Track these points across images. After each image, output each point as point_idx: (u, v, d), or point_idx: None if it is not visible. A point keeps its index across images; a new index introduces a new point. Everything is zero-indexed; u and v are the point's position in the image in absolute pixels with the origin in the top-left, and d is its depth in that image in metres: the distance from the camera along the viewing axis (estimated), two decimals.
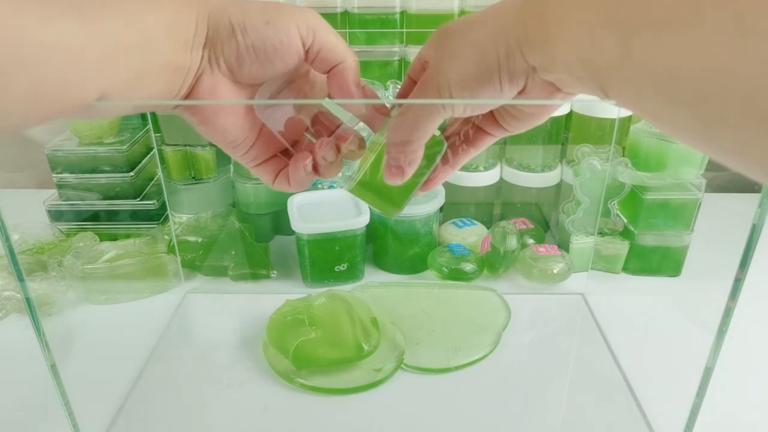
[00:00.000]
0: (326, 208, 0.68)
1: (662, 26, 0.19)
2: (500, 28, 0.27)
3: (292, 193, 0.70)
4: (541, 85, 0.27)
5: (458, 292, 0.66)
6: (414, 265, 0.70)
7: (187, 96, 0.31)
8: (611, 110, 0.67)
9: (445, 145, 0.35)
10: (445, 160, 0.35)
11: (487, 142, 0.35)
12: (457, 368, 0.55)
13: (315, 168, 0.35)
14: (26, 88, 0.22)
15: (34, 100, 0.23)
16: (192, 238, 0.70)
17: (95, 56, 0.24)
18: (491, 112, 0.33)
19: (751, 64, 0.16)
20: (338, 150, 0.35)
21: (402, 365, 0.55)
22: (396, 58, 0.79)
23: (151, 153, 0.78)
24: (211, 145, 0.73)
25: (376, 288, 0.67)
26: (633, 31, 0.20)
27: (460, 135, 0.35)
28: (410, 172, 0.33)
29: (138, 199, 0.74)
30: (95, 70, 0.24)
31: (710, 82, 0.17)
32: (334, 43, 0.32)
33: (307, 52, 0.31)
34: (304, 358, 0.53)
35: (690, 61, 0.18)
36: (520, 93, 0.28)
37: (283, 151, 0.37)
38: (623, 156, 0.66)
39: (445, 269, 0.67)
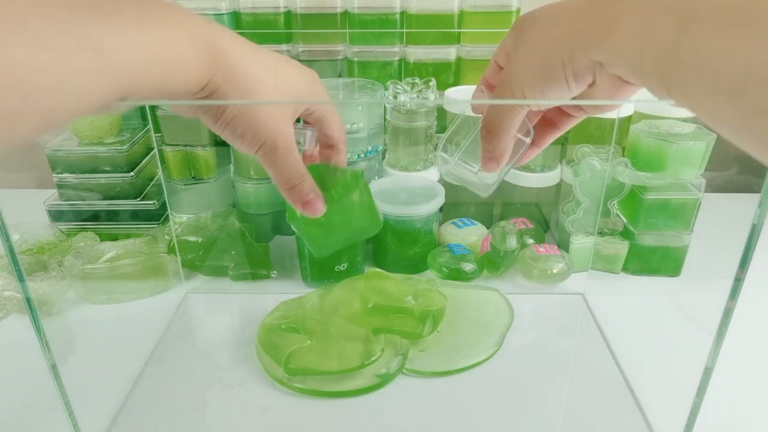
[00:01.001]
0: None
1: (720, 17, 0.20)
2: (564, 32, 0.29)
3: None
4: (610, 79, 0.29)
5: (461, 292, 0.66)
6: (414, 265, 0.70)
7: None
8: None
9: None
10: (533, 141, 0.38)
11: (571, 123, 0.38)
12: (459, 371, 0.55)
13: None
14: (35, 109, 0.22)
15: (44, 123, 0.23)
16: (192, 238, 0.70)
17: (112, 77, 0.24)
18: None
19: None
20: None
21: (404, 370, 0.55)
22: (396, 58, 0.79)
23: (152, 153, 0.78)
24: (212, 145, 0.73)
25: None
26: (691, 18, 0.22)
27: (546, 116, 0.38)
28: (503, 161, 0.37)
29: (138, 199, 0.74)
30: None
31: (752, 75, 0.19)
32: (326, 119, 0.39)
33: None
34: (298, 368, 0.53)
35: (738, 54, 0.19)
36: (590, 86, 0.30)
37: None
38: (623, 156, 0.66)
39: (445, 269, 0.67)
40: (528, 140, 0.37)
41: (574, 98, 0.32)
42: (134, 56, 0.24)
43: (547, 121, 0.38)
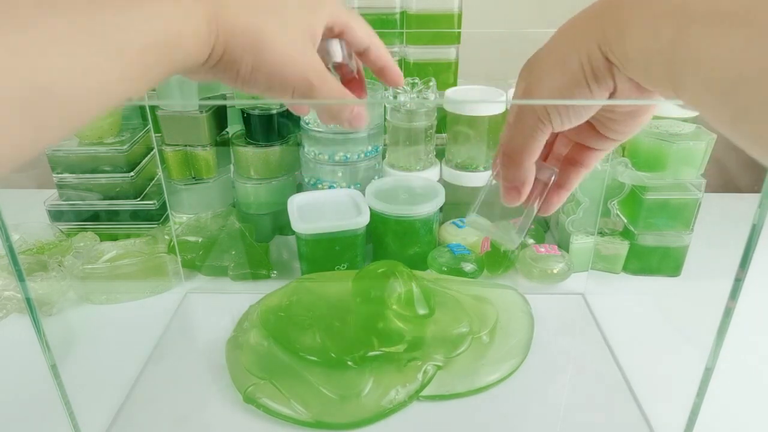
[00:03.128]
0: (326, 208, 0.68)
1: (716, 20, 0.20)
2: (579, 35, 0.28)
3: (293, 193, 0.70)
4: (630, 85, 0.28)
5: (477, 292, 0.63)
6: (414, 265, 0.70)
7: None
8: None
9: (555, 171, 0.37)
10: (558, 183, 0.37)
11: (597, 158, 0.36)
12: (483, 389, 0.52)
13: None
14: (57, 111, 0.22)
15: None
16: (192, 238, 0.70)
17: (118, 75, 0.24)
18: (591, 127, 0.34)
19: None
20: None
21: (418, 398, 0.51)
22: (396, 58, 0.79)
23: (152, 153, 0.78)
24: (212, 145, 0.73)
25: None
26: (690, 20, 0.22)
27: (568, 157, 0.37)
28: (525, 192, 0.35)
29: (138, 199, 0.74)
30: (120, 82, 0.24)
31: (740, 75, 0.19)
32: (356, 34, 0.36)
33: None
34: (258, 404, 0.50)
35: (731, 55, 0.19)
36: (612, 95, 0.29)
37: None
38: (623, 156, 0.66)
39: (445, 269, 0.67)
40: (552, 178, 0.36)
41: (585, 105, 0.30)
42: (142, 48, 0.24)
43: (572, 160, 0.36)
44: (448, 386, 0.52)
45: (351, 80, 0.40)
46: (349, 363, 0.52)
